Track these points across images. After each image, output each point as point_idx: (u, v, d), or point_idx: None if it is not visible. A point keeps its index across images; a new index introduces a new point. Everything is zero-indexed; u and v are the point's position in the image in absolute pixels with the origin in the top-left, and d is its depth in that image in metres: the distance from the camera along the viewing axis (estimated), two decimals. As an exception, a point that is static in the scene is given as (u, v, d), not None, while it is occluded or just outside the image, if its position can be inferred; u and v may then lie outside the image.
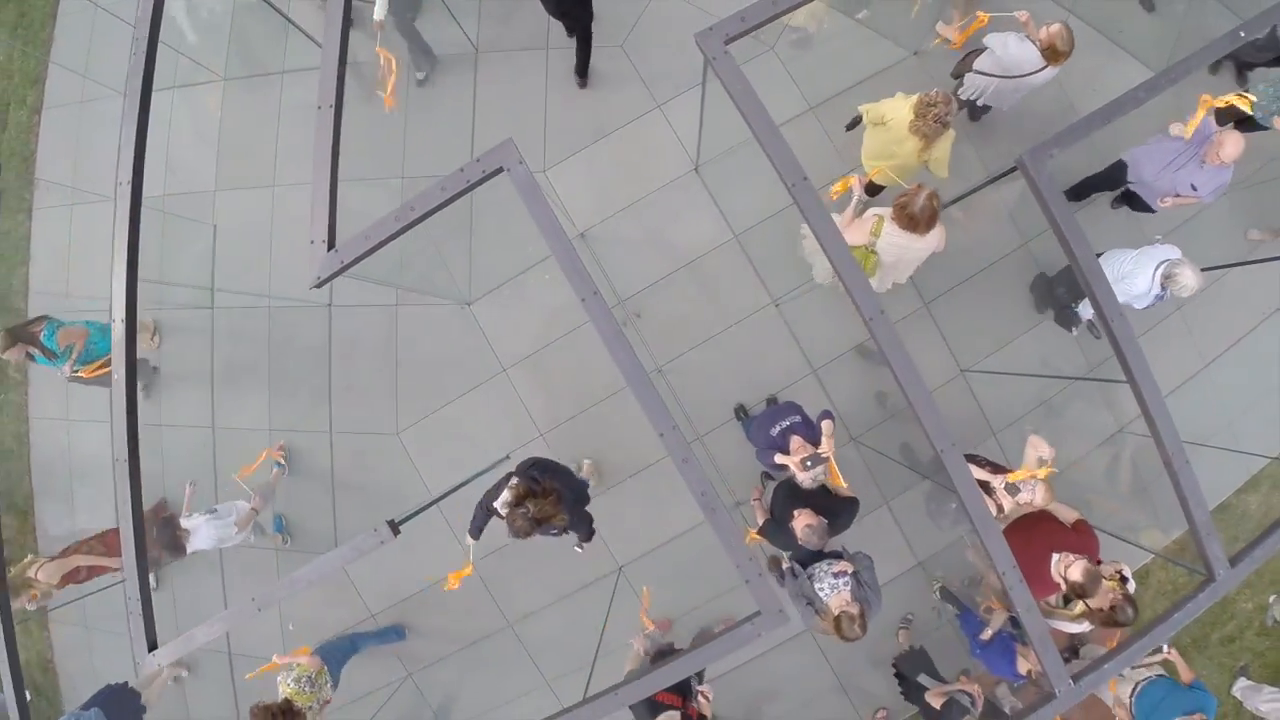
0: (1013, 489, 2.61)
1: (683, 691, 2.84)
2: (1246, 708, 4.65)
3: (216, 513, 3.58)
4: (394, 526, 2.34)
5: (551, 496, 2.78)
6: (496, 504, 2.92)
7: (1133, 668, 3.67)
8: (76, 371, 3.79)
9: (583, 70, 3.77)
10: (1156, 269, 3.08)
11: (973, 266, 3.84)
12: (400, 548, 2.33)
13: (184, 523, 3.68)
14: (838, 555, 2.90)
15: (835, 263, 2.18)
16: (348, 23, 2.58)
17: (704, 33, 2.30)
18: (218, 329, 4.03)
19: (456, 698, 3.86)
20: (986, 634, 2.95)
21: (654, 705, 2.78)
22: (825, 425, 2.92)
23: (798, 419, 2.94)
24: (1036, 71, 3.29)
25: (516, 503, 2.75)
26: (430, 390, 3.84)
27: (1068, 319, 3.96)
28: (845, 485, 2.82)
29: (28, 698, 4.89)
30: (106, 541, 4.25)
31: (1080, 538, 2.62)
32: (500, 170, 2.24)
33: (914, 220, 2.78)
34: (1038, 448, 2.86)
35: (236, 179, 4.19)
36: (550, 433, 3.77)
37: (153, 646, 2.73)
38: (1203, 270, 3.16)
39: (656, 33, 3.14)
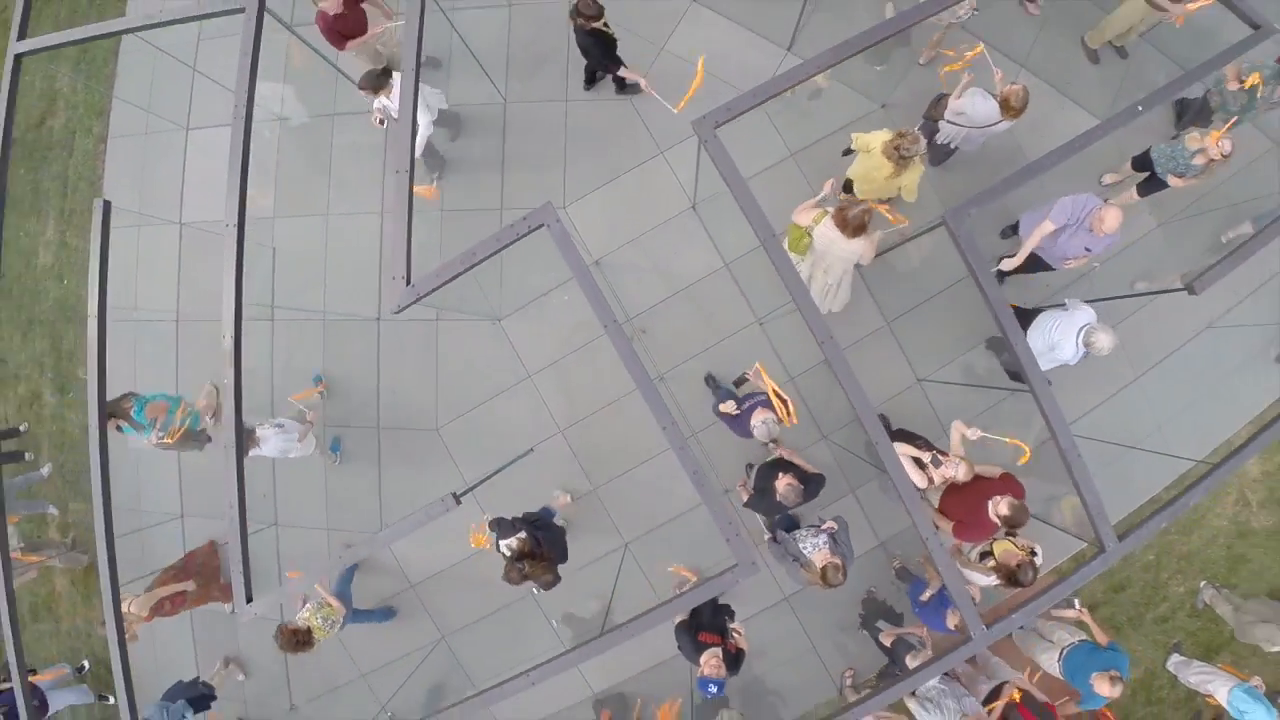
0: (937, 461, 3.41)
1: (720, 630, 3.60)
2: (1180, 680, 5.46)
3: (283, 427, 4.28)
4: (457, 497, 3.14)
5: (546, 562, 3.53)
6: (501, 545, 3.66)
7: (1057, 636, 4.51)
8: (161, 438, 4.37)
9: (620, 87, 4.61)
10: (1078, 335, 3.86)
11: (929, 291, 4.65)
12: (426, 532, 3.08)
13: (258, 431, 4.33)
14: (814, 526, 3.69)
15: (793, 295, 3.00)
16: (416, 106, 3.41)
17: (698, 120, 3.12)
18: (276, 341, 4.83)
19: (482, 658, 4.66)
20: (925, 595, 3.73)
21: (699, 645, 3.56)
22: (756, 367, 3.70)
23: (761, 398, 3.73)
24: (996, 123, 4.12)
25: (517, 557, 3.50)
26: (465, 393, 4.64)
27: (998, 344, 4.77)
28: (796, 420, 3.55)
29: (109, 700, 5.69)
30: (185, 567, 5.03)
31: (1006, 485, 3.38)
32: (542, 225, 3.06)
33: (845, 223, 3.54)
34: (960, 430, 3.66)
35: (293, 207, 4.99)
36: (568, 429, 4.59)
37: (249, 599, 3.55)
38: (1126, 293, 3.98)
39: (662, 90, 3.94)
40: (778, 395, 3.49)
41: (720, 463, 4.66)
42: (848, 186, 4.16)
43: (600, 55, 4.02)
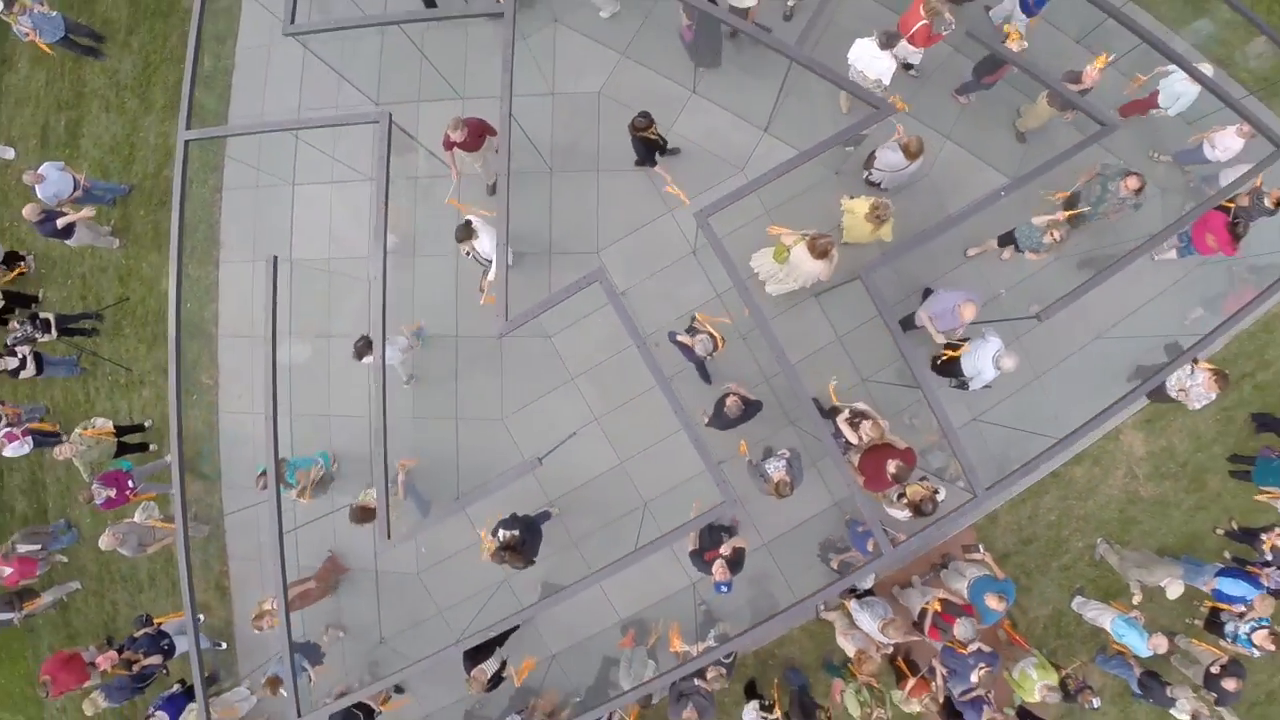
0: (854, 424, 5.29)
1: (718, 545, 5.48)
2: (1085, 618, 7.31)
3: (396, 342, 6.06)
4: (539, 460, 5.03)
5: (521, 558, 5.50)
6: (501, 532, 5.61)
7: (969, 573, 6.37)
8: (301, 494, 6.43)
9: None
10: (993, 359, 5.71)
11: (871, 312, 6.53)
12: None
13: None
14: (779, 455, 5.55)
15: (757, 323, 4.88)
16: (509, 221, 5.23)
17: (698, 212, 5.00)
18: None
19: (534, 597, 6.53)
20: (860, 529, 5.59)
21: (707, 563, 5.43)
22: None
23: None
24: (905, 168, 5.98)
25: (504, 547, 5.51)
26: (524, 391, 6.51)
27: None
28: (724, 347, 5.51)
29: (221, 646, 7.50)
30: (319, 577, 6.93)
31: (903, 454, 5.15)
32: (595, 281, 4.94)
33: (814, 249, 5.38)
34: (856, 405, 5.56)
35: (400, 250, 6.86)
36: (602, 417, 6.48)
37: (388, 536, 5.45)
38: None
39: (671, 163, 5.79)
40: (715, 333, 5.52)
41: (715, 442, 6.53)
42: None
43: (644, 154, 5.93)
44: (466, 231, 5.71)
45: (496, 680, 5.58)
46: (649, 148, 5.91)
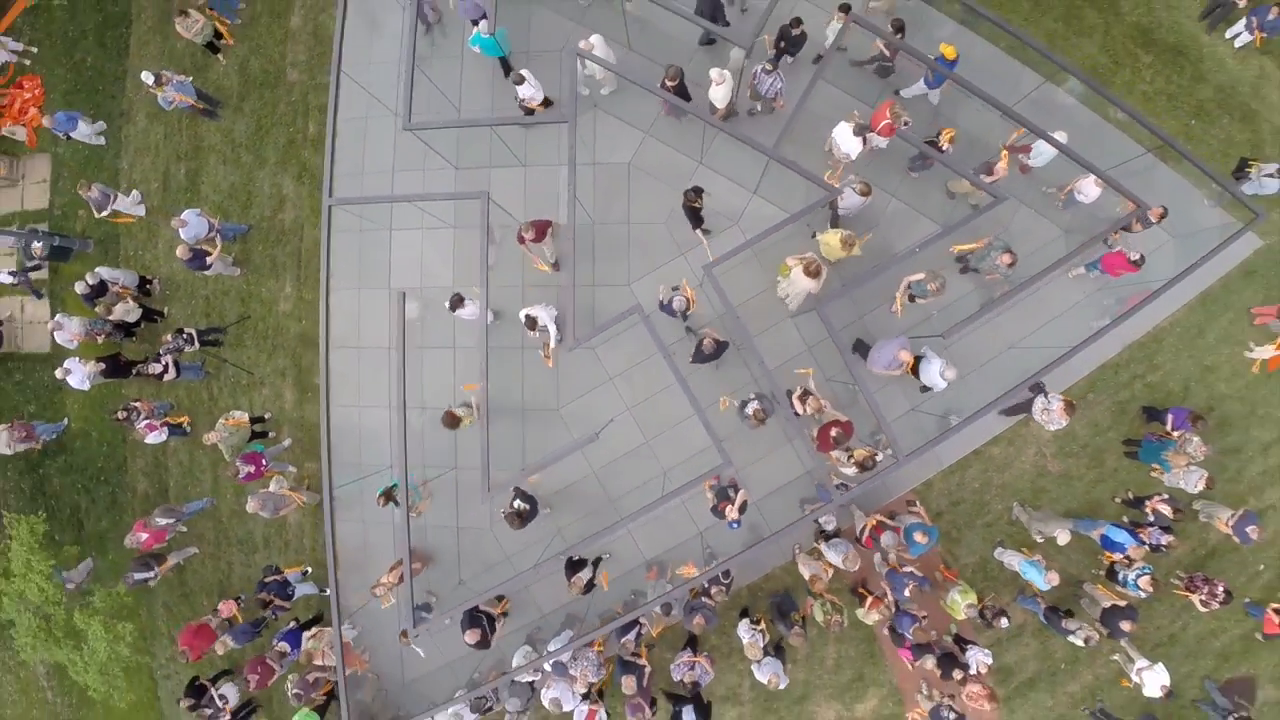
0: (802, 400, 8.02)
1: (729, 498, 8.24)
2: (1004, 564, 10.08)
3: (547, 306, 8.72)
4: (597, 435, 7.84)
5: (522, 523, 8.30)
6: (515, 501, 8.39)
7: (907, 521, 9.15)
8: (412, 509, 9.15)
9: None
10: (939, 373, 8.38)
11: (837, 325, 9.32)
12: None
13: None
14: (754, 399, 8.36)
15: (741, 335, 7.71)
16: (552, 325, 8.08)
17: (706, 265, 7.80)
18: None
19: (583, 548, 9.32)
20: (823, 488, 8.36)
21: (720, 512, 8.20)
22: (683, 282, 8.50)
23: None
24: (862, 203, 8.74)
25: (513, 514, 8.31)
26: (574, 389, 9.30)
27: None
28: (696, 305, 8.36)
29: (325, 591, 10.28)
30: (416, 558, 9.69)
31: (843, 425, 7.84)
32: (634, 313, 7.75)
33: (806, 270, 8.09)
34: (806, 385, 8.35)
35: (462, 282, 9.64)
36: (634, 407, 9.27)
37: (490, 489, 8.28)
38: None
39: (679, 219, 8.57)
40: (689, 296, 8.29)
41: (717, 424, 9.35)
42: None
43: (692, 220, 8.72)
44: (455, 303, 8.55)
45: (589, 586, 8.38)
46: (696, 216, 8.75)
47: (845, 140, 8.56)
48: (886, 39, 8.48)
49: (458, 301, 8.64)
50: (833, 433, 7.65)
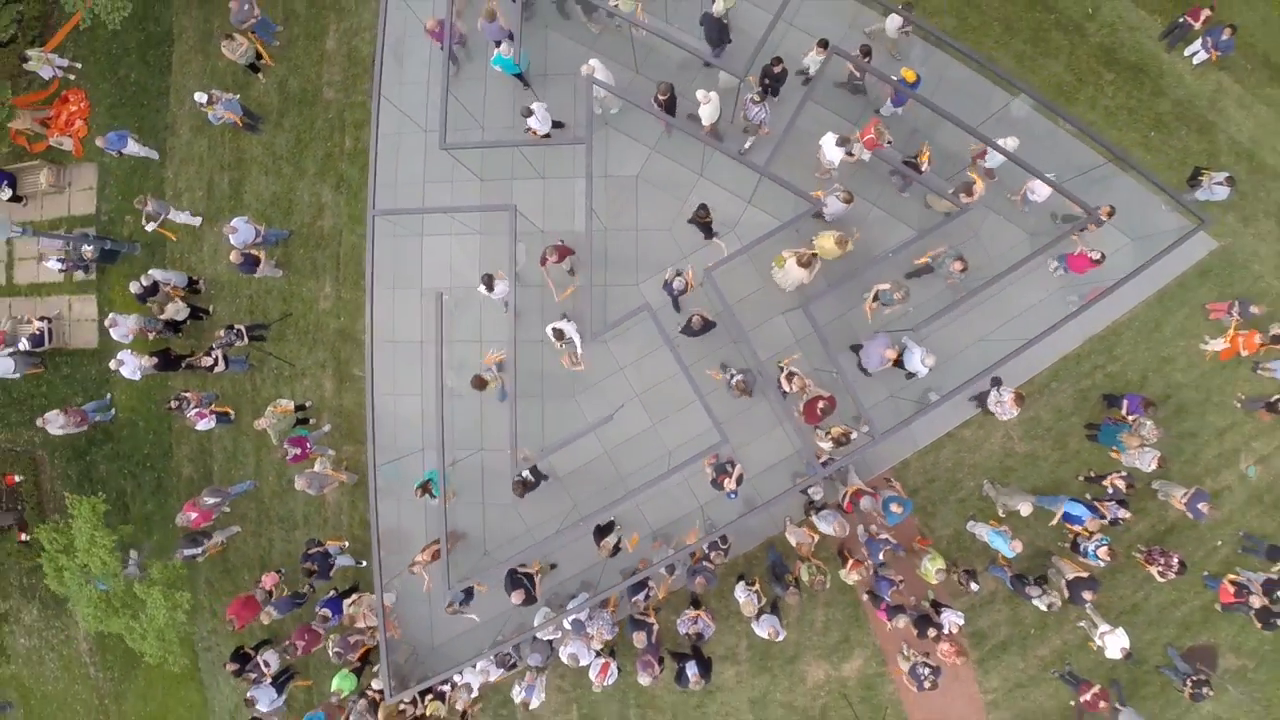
0: (789, 379, 9.44)
1: (727, 472, 9.70)
2: (976, 535, 11.52)
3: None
4: (610, 417, 9.32)
5: (524, 492, 9.88)
6: (524, 470, 9.91)
7: (885, 495, 10.62)
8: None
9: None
10: (921, 361, 9.87)
11: (825, 320, 10.78)
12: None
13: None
14: (736, 373, 9.85)
15: (738, 334, 9.19)
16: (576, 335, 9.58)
17: (706, 269, 9.26)
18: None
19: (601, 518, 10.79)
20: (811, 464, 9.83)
21: (719, 485, 9.68)
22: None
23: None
24: (844, 210, 10.19)
25: (519, 482, 9.85)
26: (588, 377, 10.76)
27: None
28: (694, 285, 9.89)
29: (362, 563, 11.83)
30: (451, 537, 11.19)
31: (828, 399, 9.30)
32: (644, 310, 9.21)
33: (799, 261, 9.59)
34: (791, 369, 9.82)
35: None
36: (642, 393, 10.75)
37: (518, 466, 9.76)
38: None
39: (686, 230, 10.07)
40: (689, 279, 9.78)
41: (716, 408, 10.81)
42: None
43: (704, 233, 10.19)
44: (487, 282, 10.07)
45: (616, 549, 9.85)
46: (708, 229, 10.23)
47: (830, 149, 10.04)
48: (855, 64, 9.92)
49: (489, 281, 10.14)
50: (820, 405, 9.12)
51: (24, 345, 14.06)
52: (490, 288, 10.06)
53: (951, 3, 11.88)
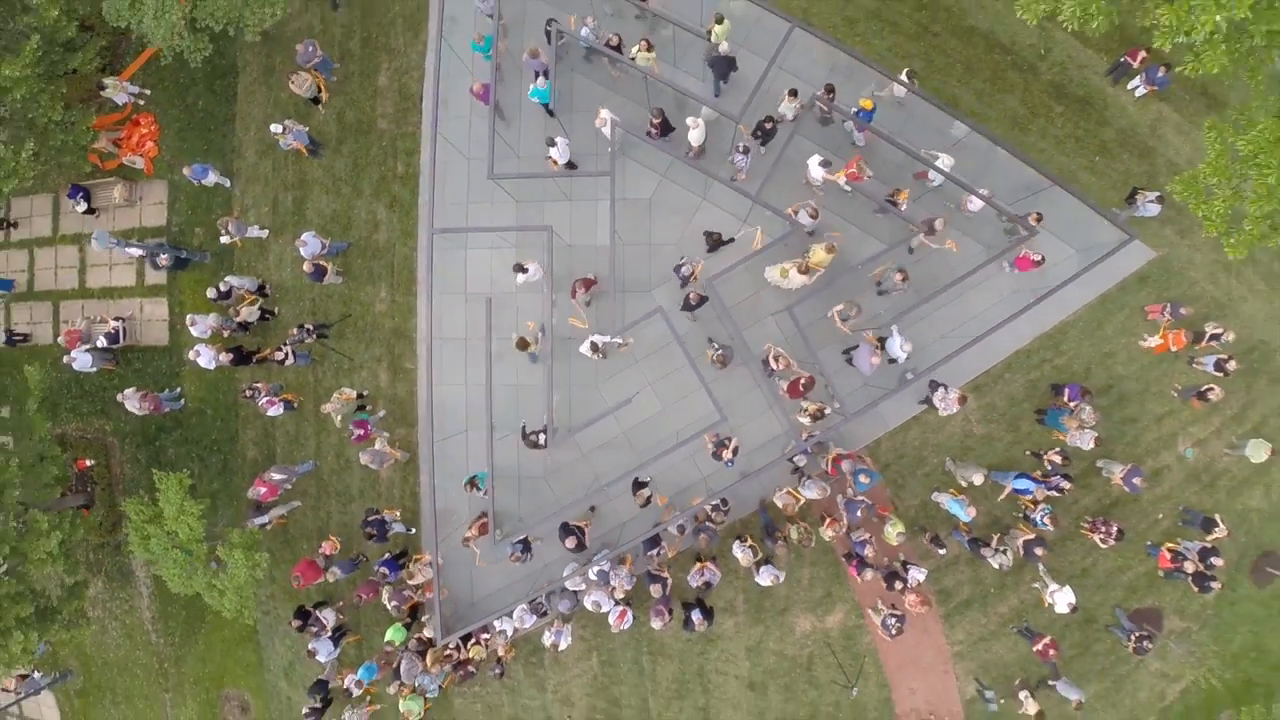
0: (776, 359, 12.19)
1: (725, 445, 12.40)
2: (941, 506, 14.20)
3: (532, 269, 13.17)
4: (629, 400, 12.07)
5: (531, 448, 12.76)
6: (534, 437, 12.80)
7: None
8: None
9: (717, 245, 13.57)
10: (899, 348, 12.56)
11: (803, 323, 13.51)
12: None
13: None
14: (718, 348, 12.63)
15: (733, 330, 11.95)
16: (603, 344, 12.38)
17: (706, 282, 12.02)
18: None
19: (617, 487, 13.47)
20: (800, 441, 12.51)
21: (719, 456, 12.39)
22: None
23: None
24: (812, 221, 12.90)
25: (530, 440, 12.77)
26: (609, 368, 13.48)
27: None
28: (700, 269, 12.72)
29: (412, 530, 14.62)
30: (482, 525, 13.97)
31: (808, 379, 11.91)
32: (657, 312, 11.95)
33: (800, 268, 12.29)
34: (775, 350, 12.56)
35: (522, 290, 13.82)
36: (654, 383, 13.46)
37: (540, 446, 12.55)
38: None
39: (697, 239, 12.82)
40: (695, 270, 12.60)
41: (717, 392, 13.53)
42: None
43: (715, 245, 12.98)
44: (518, 268, 12.88)
45: (648, 500, 12.54)
46: (716, 242, 12.97)
47: (814, 169, 12.76)
48: (820, 101, 12.60)
49: (519, 268, 12.85)
50: (801, 383, 11.82)
51: (101, 342, 16.78)
52: (523, 270, 12.86)
53: (919, 47, 14.58)
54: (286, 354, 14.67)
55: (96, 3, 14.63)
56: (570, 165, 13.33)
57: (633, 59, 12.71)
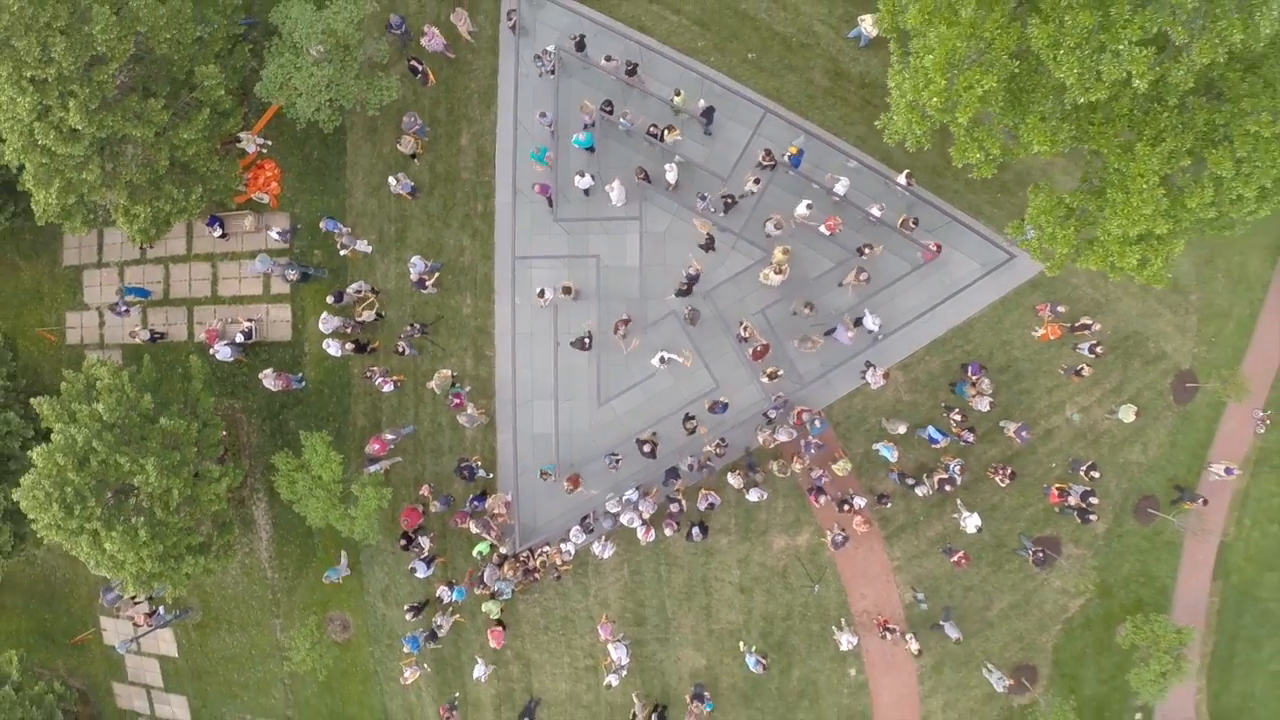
0: (745, 331, 20.36)
1: (719, 401, 20.66)
2: (880, 454, 22.25)
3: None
4: (662, 360, 20.30)
5: (580, 349, 21.28)
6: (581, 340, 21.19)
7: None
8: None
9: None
10: (870, 323, 20.65)
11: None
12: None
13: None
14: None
15: (725, 321, 20.25)
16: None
17: (701, 294, 20.27)
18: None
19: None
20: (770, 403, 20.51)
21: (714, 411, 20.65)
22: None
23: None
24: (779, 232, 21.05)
25: (576, 343, 21.21)
26: (635, 356, 21.68)
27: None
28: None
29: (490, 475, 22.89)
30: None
31: (767, 346, 20.03)
32: (671, 312, 20.19)
33: (776, 268, 20.30)
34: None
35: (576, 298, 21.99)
36: (670, 364, 21.67)
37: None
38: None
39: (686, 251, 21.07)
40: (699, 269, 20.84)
41: (718, 373, 21.61)
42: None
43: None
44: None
45: (693, 429, 20.69)
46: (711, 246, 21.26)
47: (801, 209, 20.88)
48: (762, 160, 20.77)
49: (566, 290, 21.12)
50: (758, 349, 20.01)
51: (238, 339, 24.99)
52: (542, 295, 21.12)
53: (863, 115, 22.66)
54: (403, 348, 22.84)
55: (241, 72, 22.77)
56: (586, 193, 21.51)
57: (663, 138, 20.99)
